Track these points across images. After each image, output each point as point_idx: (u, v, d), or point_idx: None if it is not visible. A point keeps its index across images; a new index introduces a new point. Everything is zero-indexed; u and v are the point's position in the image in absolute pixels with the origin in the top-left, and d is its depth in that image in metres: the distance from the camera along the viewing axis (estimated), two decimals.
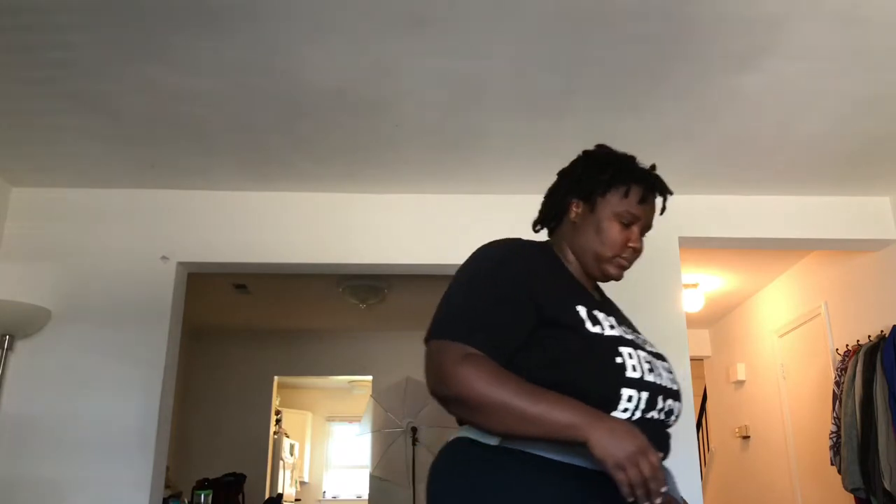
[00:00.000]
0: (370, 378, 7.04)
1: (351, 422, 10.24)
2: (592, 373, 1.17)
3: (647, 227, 1.38)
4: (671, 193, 1.40)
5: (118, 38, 2.37)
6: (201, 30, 2.33)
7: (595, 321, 1.24)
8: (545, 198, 1.47)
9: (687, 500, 1.27)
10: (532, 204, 1.49)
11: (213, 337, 6.73)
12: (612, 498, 1.07)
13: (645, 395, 1.19)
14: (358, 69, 2.57)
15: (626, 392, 1.17)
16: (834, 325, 4.40)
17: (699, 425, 6.83)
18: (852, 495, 3.85)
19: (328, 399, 10.63)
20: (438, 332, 1.19)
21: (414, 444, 5.76)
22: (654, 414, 1.20)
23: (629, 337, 1.27)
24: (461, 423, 1.23)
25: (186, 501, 4.79)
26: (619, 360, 1.19)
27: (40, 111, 2.86)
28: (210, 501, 4.40)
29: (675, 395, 1.28)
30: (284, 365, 7.15)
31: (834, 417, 4.01)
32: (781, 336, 5.18)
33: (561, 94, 2.75)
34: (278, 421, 8.76)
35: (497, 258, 1.28)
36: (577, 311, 1.24)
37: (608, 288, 1.45)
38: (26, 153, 3.24)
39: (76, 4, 2.20)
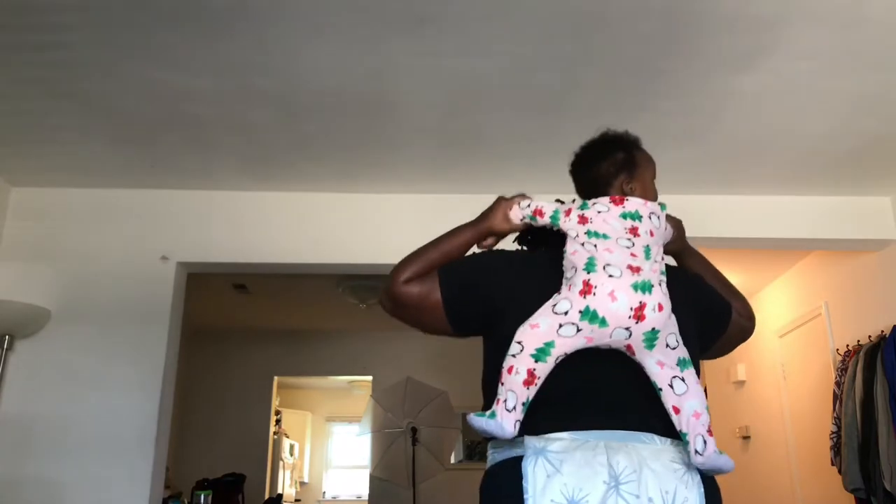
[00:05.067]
0: (370, 378, 7.04)
1: (351, 422, 10.23)
2: None
3: None
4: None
5: (118, 38, 2.37)
6: (201, 30, 2.33)
7: None
8: None
9: None
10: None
11: (213, 337, 6.72)
12: None
13: None
14: (358, 69, 2.57)
15: None
16: (834, 325, 4.39)
17: None
18: (853, 496, 3.84)
19: (328, 399, 10.63)
20: None
21: (414, 445, 5.75)
22: None
23: None
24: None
25: (186, 501, 4.78)
26: None
27: (40, 111, 2.86)
28: (210, 502, 4.39)
29: None
30: (284, 365, 7.15)
31: (834, 418, 4.00)
32: (782, 336, 5.17)
33: (561, 93, 2.75)
34: (278, 421, 8.76)
35: None
36: None
37: None
38: (26, 153, 3.24)
39: (76, 4, 2.20)
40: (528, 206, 1.43)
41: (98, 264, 3.45)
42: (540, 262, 1.41)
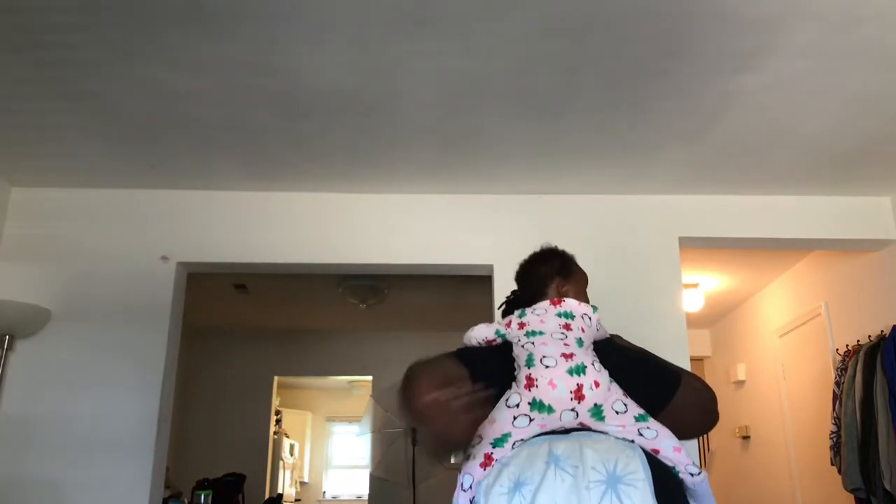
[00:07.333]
0: (370, 378, 7.04)
1: (351, 422, 10.24)
2: None
3: None
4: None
5: (118, 38, 2.37)
6: (201, 30, 2.33)
7: None
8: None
9: None
10: (532, 204, 1.50)
11: (213, 337, 6.72)
12: None
13: None
14: (358, 69, 2.57)
15: None
16: (834, 325, 4.40)
17: None
18: (852, 496, 3.85)
19: (328, 399, 10.64)
20: None
21: (414, 445, 5.74)
22: None
23: None
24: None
25: (186, 502, 4.79)
26: None
27: (40, 111, 2.86)
28: (210, 502, 4.39)
29: None
30: (284, 365, 7.15)
31: (834, 417, 4.01)
32: (781, 336, 5.18)
33: (561, 93, 2.75)
34: (278, 421, 8.76)
35: None
36: None
37: (609, 294, 1.46)
38: (26, 153, 3.24)
39: (76, 4, 2.20)
40: (484, 339, 1.63)
41: (98, 264, 3.45)
42: (501, 350, 1.56)
